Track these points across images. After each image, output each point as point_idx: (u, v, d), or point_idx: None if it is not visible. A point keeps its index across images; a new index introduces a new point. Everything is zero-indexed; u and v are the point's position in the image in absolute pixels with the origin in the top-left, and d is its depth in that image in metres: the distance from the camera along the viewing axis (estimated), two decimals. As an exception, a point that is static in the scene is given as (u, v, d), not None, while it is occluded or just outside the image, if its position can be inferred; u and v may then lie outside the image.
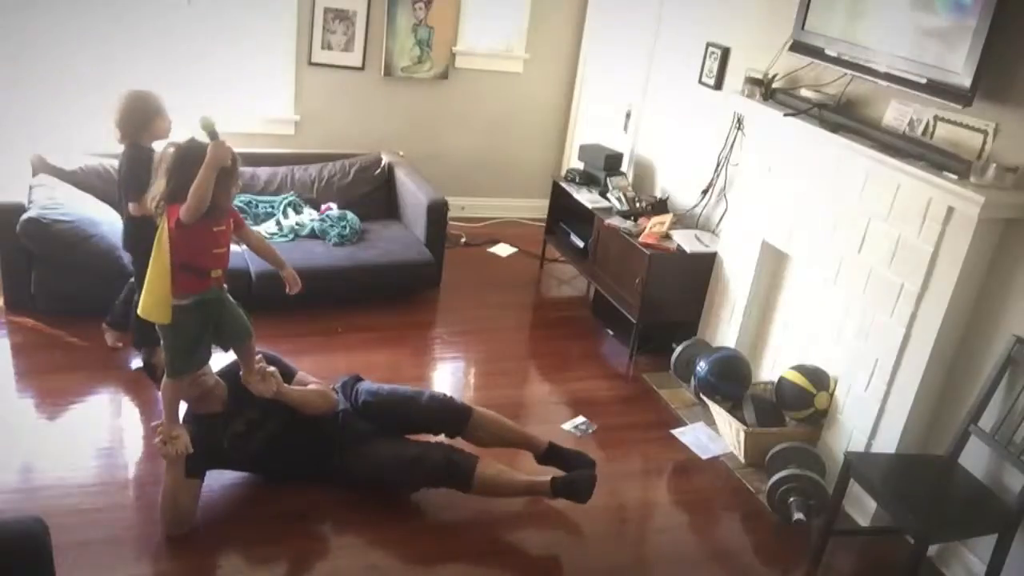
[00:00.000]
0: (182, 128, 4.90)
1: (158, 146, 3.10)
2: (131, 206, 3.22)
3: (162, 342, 2.64)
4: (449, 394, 3.18)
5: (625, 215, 4.47)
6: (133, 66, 4.71)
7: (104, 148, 4.42)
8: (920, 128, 3.12)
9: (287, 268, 2.97)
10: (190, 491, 2.74)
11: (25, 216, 3.70)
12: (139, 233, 3.10)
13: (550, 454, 3.13)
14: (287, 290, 2.95)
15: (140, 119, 3.19)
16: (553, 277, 5.27)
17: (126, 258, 3.87)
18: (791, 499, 3.13)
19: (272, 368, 2.84)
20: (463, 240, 5.48)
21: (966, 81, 2.76)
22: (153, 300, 2.52)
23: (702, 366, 3.72)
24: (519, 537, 2.94)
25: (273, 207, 4.59)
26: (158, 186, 2.53)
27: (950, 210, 2.83)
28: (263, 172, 4.75)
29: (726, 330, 4.07)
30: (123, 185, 3.25)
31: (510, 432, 3.14)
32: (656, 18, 4.87)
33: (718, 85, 4.33)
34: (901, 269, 3.05)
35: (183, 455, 2.66)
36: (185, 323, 2.57)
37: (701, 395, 3.80)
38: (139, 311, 2.60)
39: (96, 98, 4.66)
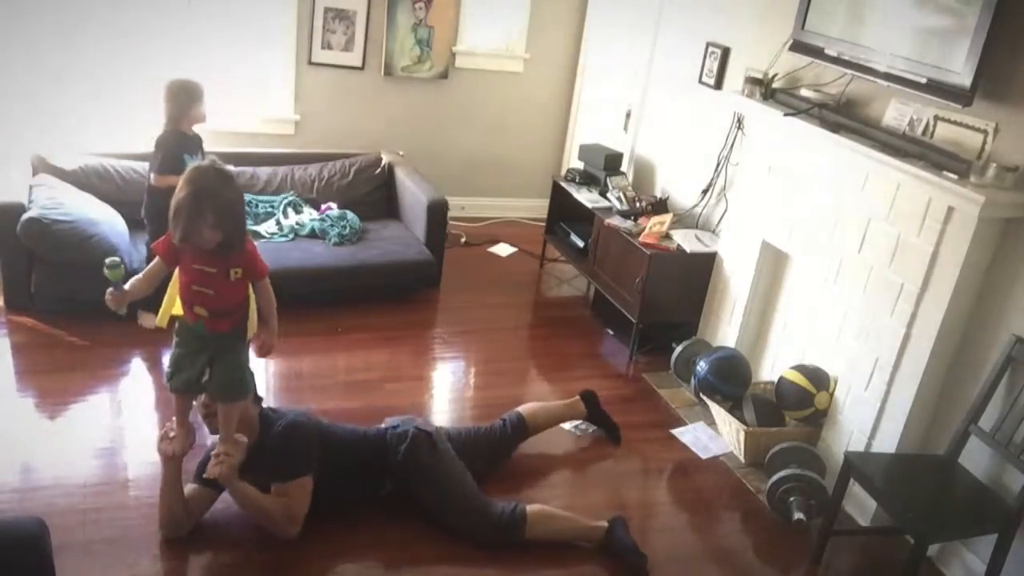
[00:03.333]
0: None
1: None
2: (152, 176, 3.67)
3: None
4: (510, 508, 2.87)
5: (625, 215, 4.47)
6: (133, 66, 4.71)
7: (104, 148, 4.44)
8: (920, 128, 3.12)
9: (267, 332, 2.68)
10: (198, 499, 2.72)
11: (26, 216, 3.70)
12: (156, 204, 3.48)
13: (610, 534, 2.92)
14: (255, 350, 2.72)
15: (180, 105, 3.62)
16: (553, 277, 5.27)
17: (127, 257, 3.88)
18: (791, 499, 3.13)
19: (226, 457, 2.55)
20: (463, 240, 5.48)
21: (966, 81, 2.76)
22: (163, 308, 2.64)
23: (702, 366, 3.72)
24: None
25: (273, 207, 4.59)
26: None
27: (950, 210, 2.83)
28: (263, 172, 4.75)
29: (726, 330, 4.07)
30: (151, 157, 3.67)
31: (567, 527, 2.93)
32: (656, 18, 4.87)
33: (718, 85, 4.33)
34: (901, 269, 3.05)
35: (171, 457, 2.61)
36: (180, 332, 2.57)
37: (701, 395, 3.80)
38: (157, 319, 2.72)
39: (97, 98, 4.68)
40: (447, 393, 3.91)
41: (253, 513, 2.70)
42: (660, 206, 4.55)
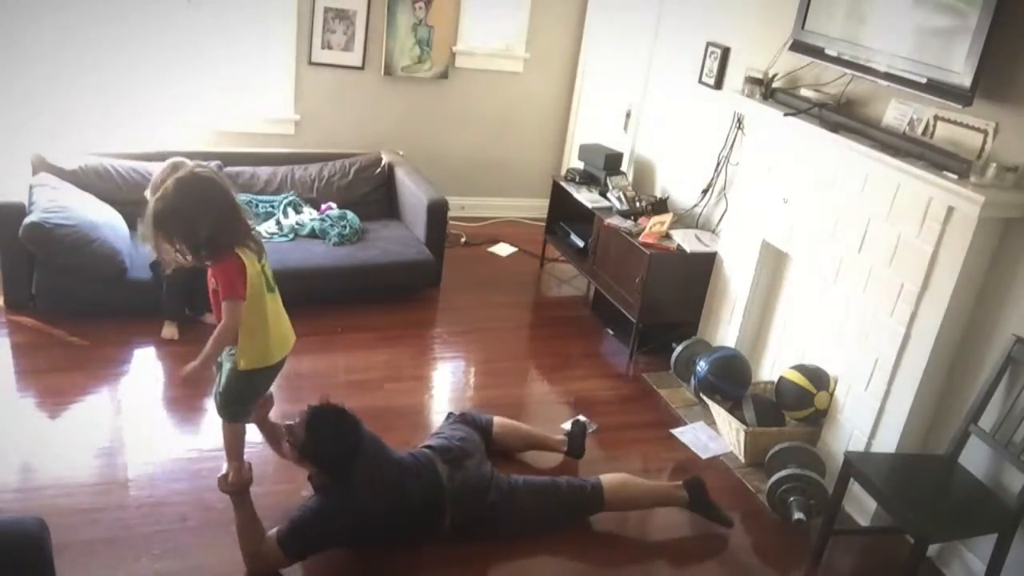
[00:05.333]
0: (180, 129, 4.96)
1: None
2: None
3: None
4: (589, 485, 2.98)
5: (625, 215, 4.47)
6: (133, 66, 4.71)
7: (104, 148, 4.44)
8: (920, 128, 3.12)
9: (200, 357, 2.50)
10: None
11: (27, 220, 3.69)
12: None
13: (694, 500, 3.08)
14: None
15: None
16: (553, 277, 5.27)
17: (128, 260, 3.88)
18: (791, 499, 3.13)
19: (224, 480, 2.65)
20: (463, 240, 5.48)
21: (966, 81, 2.76)
22: None
23: (702, 366, 3.72)
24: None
25: (273, 207, 4.59)
26: None
27: (950, 210, 2.83)
28: (263, 172, 4.75)
29: (726, 330, 4.07)
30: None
31: (645, 495, 3.09)
32: (656, 18, 4.87)
33: (718, 85, 4.33)
34: (901, 269, 3.05)
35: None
36: None
37: (701, 395, 3.80)
38: None
39: (96, 98, 4.68)
40: (447, 393, 3.91)
41: (238, 531, 2.65)
42: (660, 206, 4.56)
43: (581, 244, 4.82)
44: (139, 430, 3.26)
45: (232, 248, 2.46)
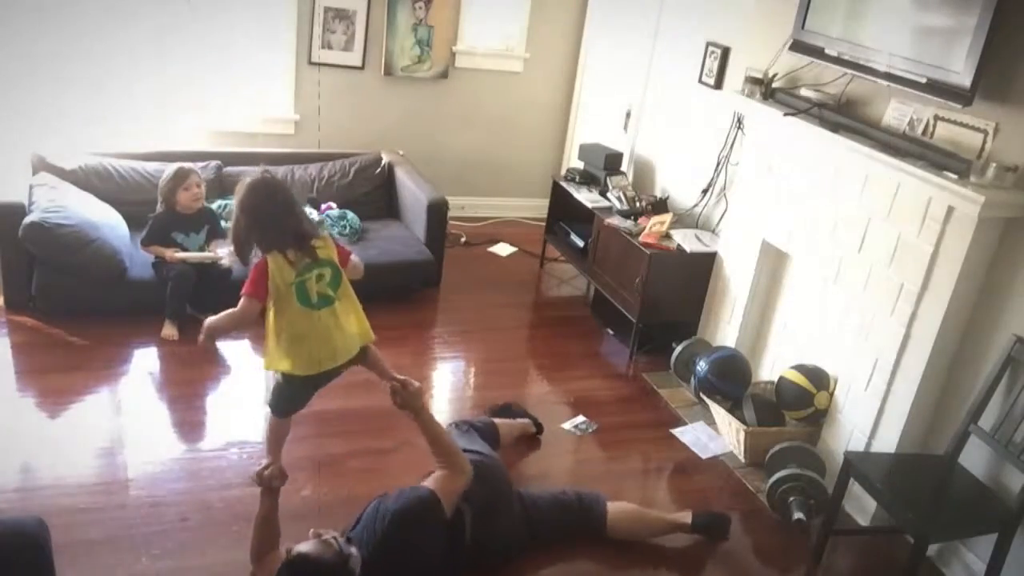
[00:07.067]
0: (180, 129, 4.95)
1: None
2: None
3: None
4: (598, 507, 2.95)
5: (625, 214, 4.47)
6: (133, 66, 4.71)
7: (104, 147, 4.44)
8: (920, 128, 3.12)
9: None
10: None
11: (28, 220, 3.69)
12: (157, 265, 4.02)
13: (696, 526, 3.02)
14: None
15: (165, 190, 3.97)
16: (553, 277, 5.27)
17: (128, 260, 3.89)
18: (791, 499, 3.13)
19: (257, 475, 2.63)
20: (463, 239, 5.48)
21: (966, 80, 2.76)
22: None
23: (702, 366, 3.72)
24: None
25: (273, 207, 4.58)
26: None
27: (950, 209, 2.83)
28: (263, 172, 4.75)
29: (726, 330, 4.07)
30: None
31: (648, 530, 3.02)
32: (656, 18, 4.87)
33: (718, 85, 4.33)
34: (901, 269, 3.05)
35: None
36: None
37: (701, 395, 3.80)
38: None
39: (97, 98, 4.68)
40: (447, 393, 3.91)
41: (254, 526, 2.61)
42: (660, 206, 4.56)
43: (581, 244, 4.82)
44: (139, 430, 3.26)
45: (267, 251, 2.52)
